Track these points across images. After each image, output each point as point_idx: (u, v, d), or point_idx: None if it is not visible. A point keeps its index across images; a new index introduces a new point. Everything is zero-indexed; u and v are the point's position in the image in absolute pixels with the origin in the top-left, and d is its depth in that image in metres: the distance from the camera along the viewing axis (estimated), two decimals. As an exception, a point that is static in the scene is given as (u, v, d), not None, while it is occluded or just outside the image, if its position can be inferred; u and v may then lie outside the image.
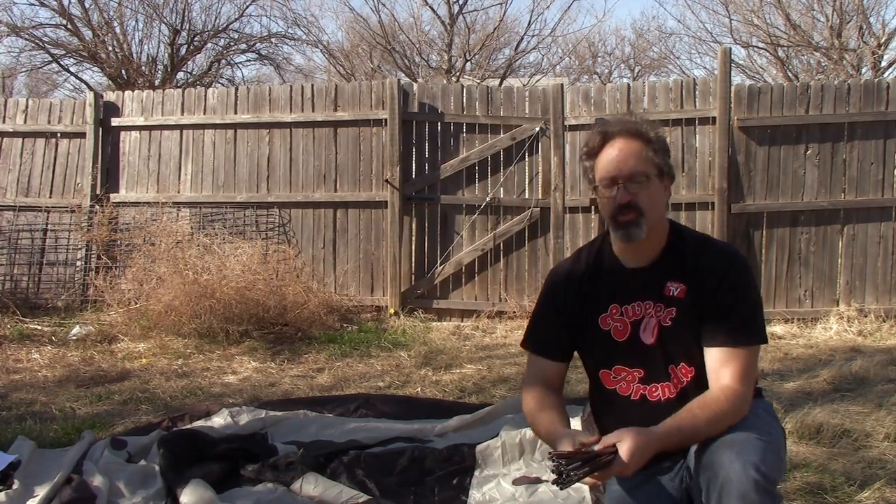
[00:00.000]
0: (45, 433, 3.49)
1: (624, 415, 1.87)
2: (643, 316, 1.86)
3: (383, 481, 2.86)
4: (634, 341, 1.87)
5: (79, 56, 14.87)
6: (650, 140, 1.84)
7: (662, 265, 1.87)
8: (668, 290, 1.84)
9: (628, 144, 1.83)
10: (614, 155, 1.83)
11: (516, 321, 6.25)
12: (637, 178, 1.81)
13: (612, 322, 1.90)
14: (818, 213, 6.23)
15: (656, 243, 1.88)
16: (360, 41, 18.47)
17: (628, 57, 23.08)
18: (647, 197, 1.82)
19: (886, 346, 5.42)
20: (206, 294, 5.43)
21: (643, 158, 1.82)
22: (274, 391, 4.37)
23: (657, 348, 1.85)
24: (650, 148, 1.84)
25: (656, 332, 1.85)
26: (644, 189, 1.81)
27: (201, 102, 6.98)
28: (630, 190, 1.81)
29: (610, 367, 1.92)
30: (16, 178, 7.14)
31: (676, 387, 1.85)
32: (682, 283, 1.83)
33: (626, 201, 1.81)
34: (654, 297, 1.85)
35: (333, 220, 6.74)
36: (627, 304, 1.88)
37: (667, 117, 6.33)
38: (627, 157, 1.82)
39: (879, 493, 2.69)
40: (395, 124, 6.54)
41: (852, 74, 14.08)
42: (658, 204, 1.85)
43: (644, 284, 1.87)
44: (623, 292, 1.89)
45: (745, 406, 1.73)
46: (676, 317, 1.83)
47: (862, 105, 6.18)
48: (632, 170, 1.81)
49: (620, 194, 1.81)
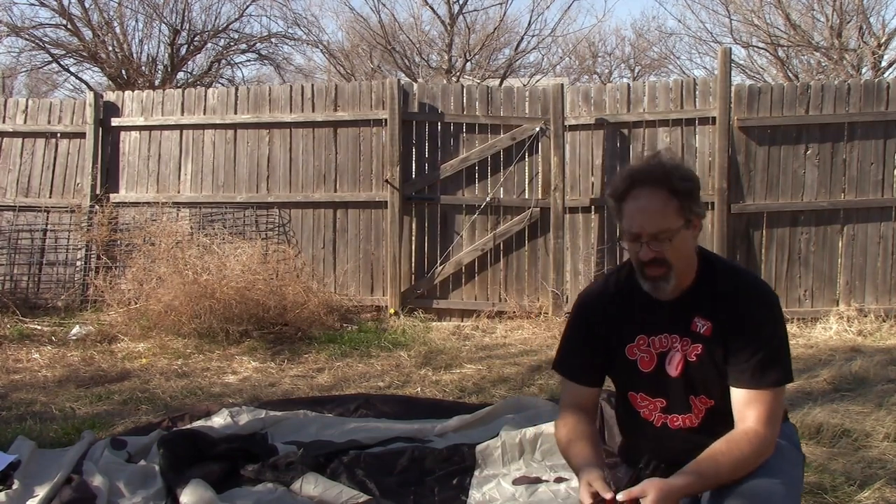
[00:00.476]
0: (45, 433, 3.49)
1: (646, 436, 1.90)
2: (669, 349, 1.84)
3: (383, 481, 2.86)
4: (659, 372, 1.86)
5: (79, 56, 14.87)
6: (677, 190, 1.75)
7: (691, 299, 1.83)
8: (695, 325, 1.81)
9: (652, 199, 1.75)
10: (637, 210, 1.76)
11: (516, 321, 6.26)
12: (662, 236, 1.75)
13: (639, 353, 1.88)
14: (818, 213, 6.23)
15: (685, 278, 1.84)
16: (360, 41, 18.47)
17: (628, 57, 23.09)
18: (674, 250, 1.76)
19: (886, 345, 5.42)
20: (206, 294, 5.43)
21: (668, 213, 1.75)
22: (274, 391, 4.37)
23: (680, 381, 1.84)
24: (676, 199, 1.75)
25: (681, 367, 1.83)
26: (671, 244, 1.75)
27: (201, 102, 6.98)
28: (654, 248, 1.76)
29: (637, 392, 1.92)
30: (16, 178, 7.13)
31: (697, 416, 1.85)
32: (708, 321, 1.80)
33: (651, 258, 1.77)
34: (681, 331, 1.83)
35: (333, 221, 6.74)
36: (654, 336, 1.86)
37: (667, 117, 6.33)
38: (652, 215, 1.74)
39: (879, 493, 2.69)
40: (395, 124, 6.54)
41: (852, 74, 14.08)
42: (686, 253, 1.80)
43: (672, 318, 1.84)
44: (651, 324, 1.86)
45: (769, 449, 1.72)
46: (702, 353, 1.80)
47: (862, 105, 6.18)
48: (656, 229, 1.75)
49: (644, 252, 1.77)
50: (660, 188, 1.75)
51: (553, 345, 5.60)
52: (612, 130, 6.45)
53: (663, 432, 1.87)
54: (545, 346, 5.58)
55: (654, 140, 6.39)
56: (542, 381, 4.52)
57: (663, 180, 1.75)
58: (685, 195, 1.76)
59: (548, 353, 5.34)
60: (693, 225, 1.79)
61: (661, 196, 1.75)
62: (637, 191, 1.77)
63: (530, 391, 4.32)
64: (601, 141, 6.45)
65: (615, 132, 6.45)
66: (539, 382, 4.51)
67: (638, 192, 1.76)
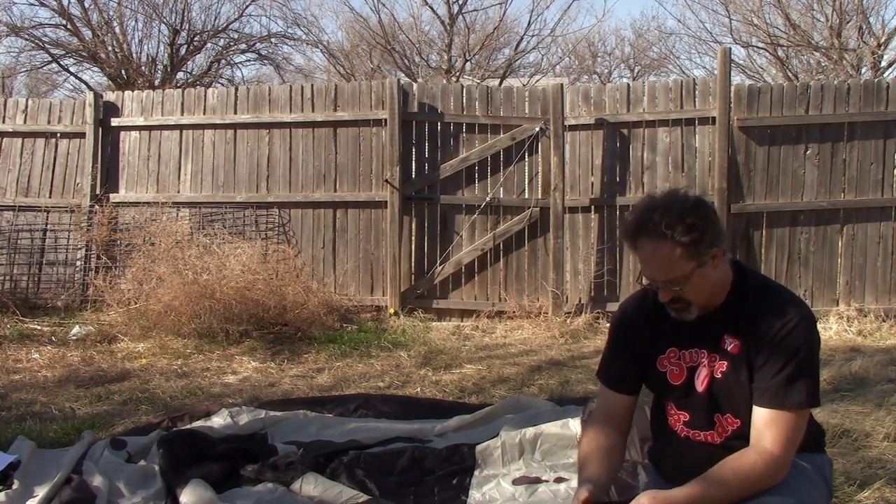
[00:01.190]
0: (45, 433, 3.50)
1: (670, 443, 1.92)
2: (698, 364, 1.84)
3: (383, 481, 2.86)
4: (688, 386, 1.85)
5: (79, 56, 14.86)
6: (678, 240, 1.69)
7: (722, 316, 1.81)
8: (724, 342, 1.80)
9: (655, 253, 1.72)
10: (644, 261, 1.76)
11: (516, 321, 6.26)
12: (674, 284, 1.74)
13: (669, 365, 1.88)
14: (818, 213, 6.23)
15: (719, 295, 1.82)
16: (359, 41, 18.47)
17: (628, 57, 23.10)
18: (692, 290, 1.75)
19: (886, 345, 5.43)
20: (206, 294, 5.43)
21: (675, 262, 1.71)
22: (274, 391, 4.37)
23: (706, 397, 1.83)
24: (680, 248, 1.70)
25: (706, 383, 1.82)
26: (687, 286, 1.74)
27: (201, 102, 6.98)
28: (670, 291, 1.76)
29: (668, 401, 1.94)
30: (15, 178, 7.13)
31: (721, 435, 1.84)
32: (737, 339, 1.78)
33: (669, 299, 1.78)
34: (710, 347, 1.82)
35: (333, 220, 6.74)
36: (685, 350, 1.86)
37: (666, 117, 6.33)
38: (659, 266, 1.73)
39: (879, 493, 2.69)
40: (394, 124, 6.54)
41: (852, 74, 14.08)
42: (708, 285, 1.77)
43: (702, 332, 1.83)
44: (682, 337, 1.86)
45: (782, 471, 1.70)
46: (728, 371, 1.79)
47: (862, 105, 6.19)
48: (666, 278, 1.74)
49: (662, 294, 1.78)
50: (661, 240, 1.71)
51: (553, 345, 5.61)
52: (611, 130, 6.45)
53: (686, 443, 1.87)
54: (545, 346, 5.58)
55: (654, 140, 6.39)
56: (542, 381, 4.52)
57: (663, 235, 1.70)
58: (692, 242, 1.70)
59: (547, 352, 5.34)
60: (712, 258, 1.74)
61: (664, 248, 1.71)
62: (640, 242, 1.74)
63: (530, 391, 4.32)
64: (601, 141, 6.45)
65: (615, 132, 6.45)
66: (539, 382, 4.51)
67: (641, 244, 1.74)
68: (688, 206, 1.72)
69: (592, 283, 6.41)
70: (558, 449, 3.09)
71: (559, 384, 4.44)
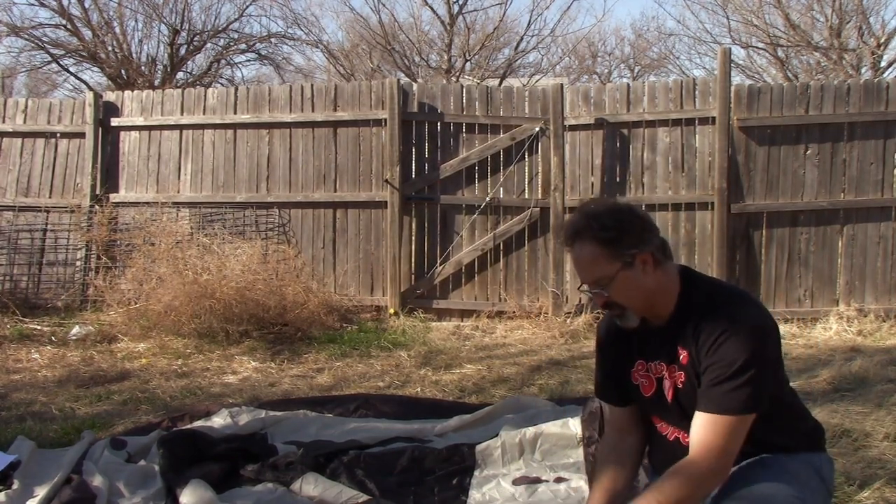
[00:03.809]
0: (45, 433, 3.49)
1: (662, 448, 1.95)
2: (662, 375, 1.88)
3: (383, 481, 2.86)
4: (660, 397, 1.89)
5: (78, 56, 14.87)
6: (600, 240, 1.79)
7: (673, 328, 1.85)
8: (678, 353, 1.83)
9: (580, 252, 1.82)
10: (574, 263, 1.86)
11: (516, 321, 6.26)
12: (601, 283, 1.81)
13: (640, 378, 1.93)
14: (818, 213, 6.23)
15: (665, 305, 1.85)
16: (359, 41, 18.47)
17: (628, 57, 23.12)
18: (620, 292, 1.81)
19: (886, 346, 5.42)
20: (206, 294, 5.43)
21: (597, 263, 1.80)
22: (274, 391, 4.37)
23: (675, 407, 1.86)
24: (602, 247, 1.79)
25: (671, 393, 1.86)
26: (613, 287, 1.80)
27: (201, 102, 6.98)
28: (601, 294, 1.83)
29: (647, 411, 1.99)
30: (15, 178, 7.13)
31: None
32: (685, 349, 1.81)
33: (602, 304, 1.85)
34: (668, 360, 1.86)
35: (333, 221, 6.74)
36: (651, 362, 1.90)
37: (666, 117, 6.33)
38: (584, 266, 1.83)
39: (879, 493, 2.69)
40: (394, 124, 6.53)
41: (852, 74, 14.08)
42: (637, 288, 1.81)
43: (661, 345, 1.87)
44: (647, 350, 1.91)
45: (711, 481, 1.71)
46: (685, 381, 1.82)
47: (862, 105, 6.18)
48: (592, 278, 1.82)
49: (595, 297, 1.85)
50: (585, 241, 1.81)
51: (553, 344, 5.61)
52: (611, 130, 6.45)
53: (676, 445, 1.89)
54: (545, 346, 5.58)
55: (654, 140, 6.39)
56: (542, 381, 4.52)
57: (585, 232, 1.81)
58: (611, 241, 1.79)
59: (547, 352, 5.34)
60: (639, 262, 1.80)
61: (587, 248, 1.81)
62: (571, 246, 1.85)
63: (530, 391, 4.32)
64: (601, 141, 6.45)
65: (615, 132, 6.45)
66: (539, 382, 4.51)
67: (571, 248, 1.85)
68: (607, 209, 1.84)
69: (592, 283, 6.40)
70: (558, 449, 3.09)
71: (559, 384, 4.44)
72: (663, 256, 1.84)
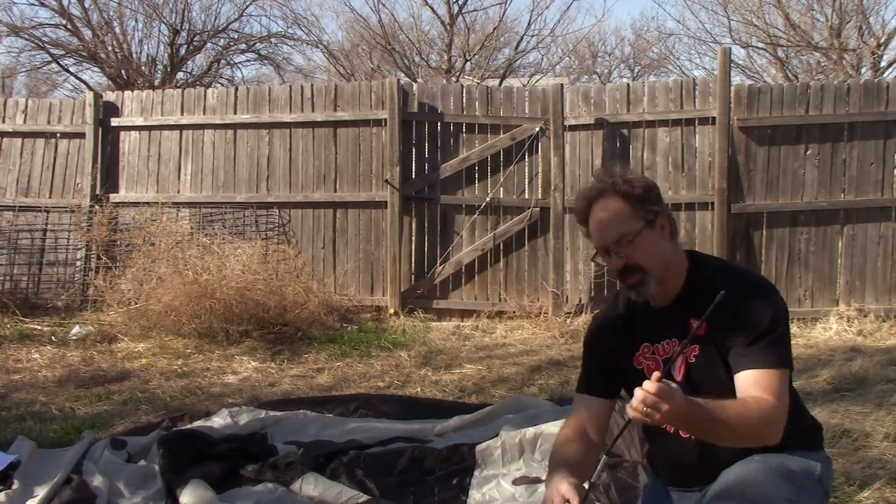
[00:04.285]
0: (45, 433, 3.50)
1: (660, 440, 1.93)
2: (672, 353, 1.86)
3: (383, 481, 2.86)
4: (668, 379, 1.83)
5: (79, 56, 14.87)
6: (627, 194, 1.82)
7: (684, 302, 1.85)
8: (691, 327, 1.81)
9: (606, 209, 1.83)
10: (596, 223, 1.84)
11: (516, 321, 6.26)
12: (624, 241, 1.80)
13: (645, 361, 1.91)
14: (818, 213, 6.23)
15: (675, 282, 1.87)
16: (360, 41, 18.47)
17: (628, 57, 23.11)
18: (643, 252, 1.80)
19: (886, 346, 5.42)
20: (206, 294, 5.43)
21: (624, 218, 1.81)
22: (274, 391, 4.37)
23: (685, 385, 1.82)
24: (629, 202, 1.81)
25: (683, 370, 1.84)
26: (636, 247, 1.80)
27: (201, 102, 6.98)
28: (622, 255, 1.81)
29: None
30: (15, 178, 7.13)
31: None
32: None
33: (622, 266, 1.82)
34: (680, 335, 1.84)
35: (333, 221, 6.74)
36: (657, 343, 1.89)
37: (666, 117, 6.33)
38: (608, 224, 1.82)
39: (879, 493, 2.69)
40: (394, 124, 6.53)
41: (852, 74, 14.08)
42: (658, 252, 1.83)
43: (670, 323, 1.86)
44: (652, 332, 1.90)
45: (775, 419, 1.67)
46: (700, 354, 1.82)
47: (862, 105, 6.18)
48: (616, 235, 1.81)
49: (614, 261, 1.82)
50: (609, 197, 1.83)
51: (553, 344, 5.61)
52: (611, 130, 6.45)
53: (674, 439, 1.88)
54: (545, 346, 5.58)
55: (654, 140, 6.39)
56: (542, 381, 4.52)
57: (610, 189, 1.83)
58: (636, 197, 1.81)
59: (547, 352, 5.34)
60: (658, 225, 1.83)
61: (612, 204, 1.82)
62: (593, 208, 1.85)
63: (530, 391, 4.32)
64: (601, 141, 6.45)
65: (615, 132, 6.45)
66: (539, 382, 4.51)
67: (594, 209, 1.85)
68: (627, 172, 1.89)
69: (592, 283, 6.41)
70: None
71: (559, 384, 4.44)
72: (674, 229, 1.88)
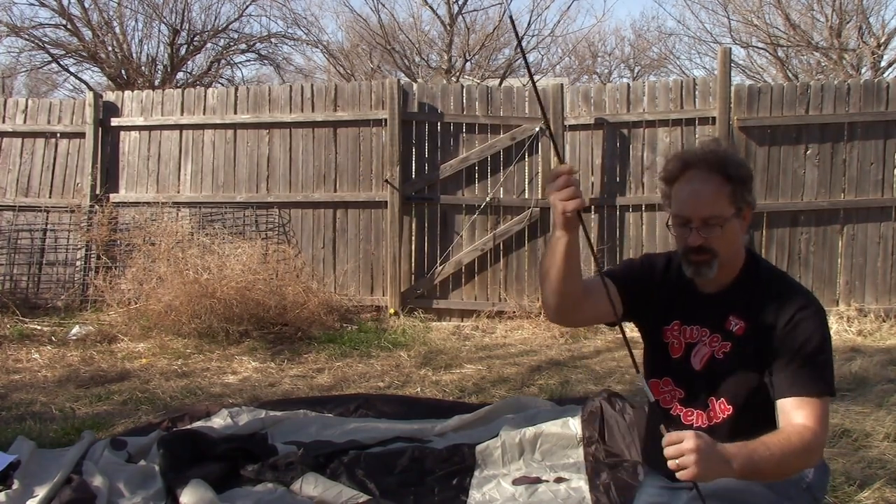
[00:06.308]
0: (45, 433, 3.50)
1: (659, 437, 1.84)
2: (698, 341, 1.82)
3: (383, 481, 2.86)
4: (685, 362, 1.83)
5: (79, 56, 14.85)
6: (731, 177, 1.72)
7: (729, 297, 1.79)
8: (728, 323, 1.78)
9: (706, 183, 1.71)
10: (689, 193, 1.72)
11: (516, 321, 6.26)
12: (712, 221, 1.71)
13: (672, 338, 1.86)
14: (818, 213, 6.23)
15: (728, 274, 1.80)
16: (359, 41, 18.45)
17: (628, 57, 23.08)
18: (724, 238, 1.73)
19: (886, 346, 5.43)
20: (206, 294, 5.43)
21: (720, 199, 1.71)
22: (274, 391, 4.37)
23: (702, 376, 1.81)
24: (730, 185, 1.71)
25: (705, 361, 1.80)
26: (721, 231, 1.72)
27: (201, 102, 6.98)
28: (703, 234, 1.71)
29: (660, 378, 1.88)
30: (15, 178, 7.13)
31: (710, 420, 1.80)
32: (743, 320, 1.76)
33: (699, 245, 1.73)
34: (712, 327, 1.80)
35: (333, 221, 6.74)
36: (687, 325, 1.84)
37: (667, 117, 6.33)
38: (703, 199, 1.71)
39: (879, 493, 2.69)
40: (394, 124, 6.53)
41: (852, 74, 14.08)
42: (735, 242, 1.77)
43: (708, 311, 1.81)
44: (688, 312, 1.84)
45: (819, 449, 1.65)
46: (730, 352, 1.77)
47: (862, 105, 6.18)
48: (707, 214, 1.71)
49: (693, 237, 1.72)
50: (714, 173, 1.72)
51: (553, 344, 5.61)
52: (611, 130, 6.45)
53: (676, 424, 1.84)
54: (545, 346, 5.58)
55: (654, 140, 6.39)
56: (542, 381, 4.52)
57: (718, 165, 1.72)
58: (739, 182, 1.73)
59: (547, 352, 5.34)
60: (744, 216, 1.77)
61: (714, 181, 1.71)
62: (690, 173, 1.73)
63: (530, 391, 4.32)
64: (601, 141, 6.45)
65: (615, 132, 6.45)
66: (539, 382, 4.51)
67: (691, 176, 1.73)
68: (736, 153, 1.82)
69: (592, 283, 6.40)
70: (558, 449, 3.09)
71: (559, 384, 4.44)
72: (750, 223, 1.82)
